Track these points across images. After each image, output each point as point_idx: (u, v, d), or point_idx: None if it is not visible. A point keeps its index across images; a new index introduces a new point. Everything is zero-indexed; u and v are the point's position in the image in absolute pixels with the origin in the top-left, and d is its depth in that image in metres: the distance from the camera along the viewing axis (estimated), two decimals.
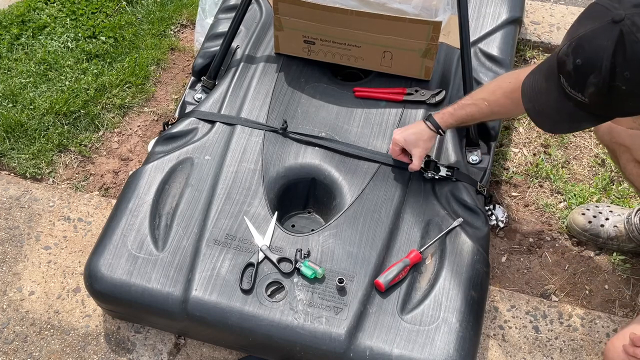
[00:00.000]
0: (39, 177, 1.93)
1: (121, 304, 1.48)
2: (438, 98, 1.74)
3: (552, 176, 1.90)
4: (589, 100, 1.08)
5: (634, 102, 1.05)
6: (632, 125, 1.20)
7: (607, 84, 1.03)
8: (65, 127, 2.03)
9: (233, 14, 1.81)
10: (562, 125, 1.19)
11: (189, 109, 1.85)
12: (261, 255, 1.46)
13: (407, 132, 1.56)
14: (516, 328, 1.61)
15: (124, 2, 2.43)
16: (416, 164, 1.56)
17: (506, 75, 1.46)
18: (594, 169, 1.93)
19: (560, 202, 1.86)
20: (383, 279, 1.42)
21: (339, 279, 1.41)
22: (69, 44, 2.25)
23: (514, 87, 1.34)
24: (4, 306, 1.64)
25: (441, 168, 1.60)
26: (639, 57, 0.99)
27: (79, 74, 2.16)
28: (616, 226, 1.70)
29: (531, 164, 1.93)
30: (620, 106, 1.07)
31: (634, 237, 1.68)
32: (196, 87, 1.93)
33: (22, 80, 2.13)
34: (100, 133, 2.04)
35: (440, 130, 1.54)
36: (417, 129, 1.55)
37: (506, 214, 1.81)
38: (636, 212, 1.68)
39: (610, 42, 1.01)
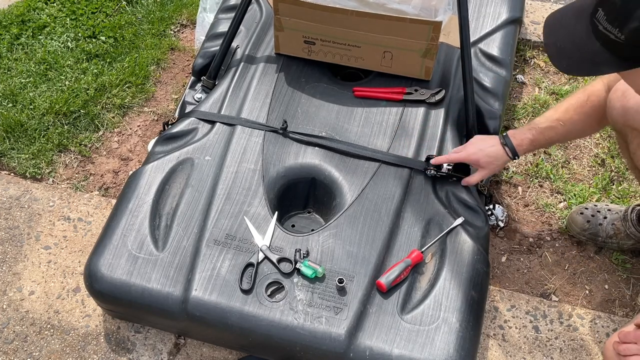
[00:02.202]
0: (39, 177, 1.93)
1: (121, 304, 1.48)
2: (438, 97, 1.74)
3: (552, 176, 1.90)
4: (625, 38, 1.01)
5: None
6: None
7: None
8: (65, 127, 2.03)
9: (233, 14, 1.81)
10: (581, 66, 1.12)
11: (189, 108, 1.85)
12: (261, 255, 1.46)
13: (482, 152, 1.51)
14: (516, 328, 1.61)
15: (124, 2, 2.43)
16: (475, 180, 1.55)
17: (575, 92, 1.45)
18: (594, 168, 1.93)
19: (560, 202, 1.86)
20: (385, 280, 1.42)
21: (339, 279, 1.41)
22: (69, 43, 2.25)
23: (582, 101, 1.30)
24: (4, 306, 1.64)
25: (443, 164, 1.60)
26: None
27: (79, 73, 2.16)
28: (614, 224, 1.70)
29: (531, 164, 1.94)
30: None
31: (631, 234, 1.68)
32: (196, 87, 1.93)
33: (22, 80, 2.13)
34: (100, 133, 2.04)
35: (515, 157, 1.51)
36: (494, 153, 1.50)
37: (506, 213, 1.81)
38: (632, 209, 1.68)
39: None
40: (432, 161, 1.59)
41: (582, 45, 1.09)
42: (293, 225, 1.61)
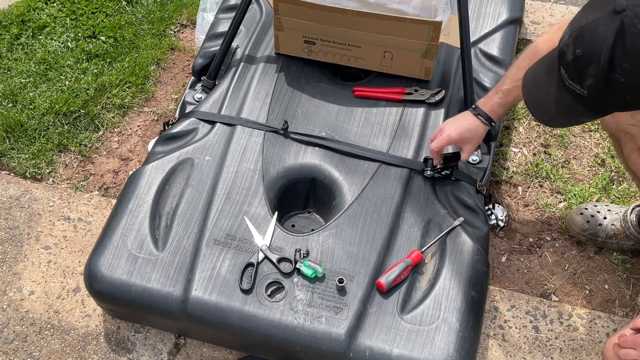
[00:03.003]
0: (39, 177, 1.93)
1: (121, 304, 1.48)
2: (438, 97, 1.74)
3: (552, 176, 1.90)
4: (587, 93, 1.06)
5: (633, 96, 1.03)
6: (630, 121, 1.19)
7: (606, 76, 1.01)
8: (65, 127, 2.03)
9: (233, 14, 1.82)
10: (561, 119, 1.18)
11: (189, 109, 1.85)
12: (261, 255, 1.46)
13: (462, 128, 1.51)
14: (516, 328, 1.61)
15: (124, 2, 2.43)
16: (466, 157, 1.55)
17: (534, 45, 1.43)
18: (594, 168, 1.93)
19: (560, 202, 1.86)
20: (385, 280, 1.42)
21: (339, 279, 1.41)
22: (69, 43, 2.25)
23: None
24: (4, 306, 1.64)
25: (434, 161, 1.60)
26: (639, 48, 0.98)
27: (79, 73, 2.16)
28: (614, 224, 1.70)
29: (531, 164, 1.94)
30: (618, 99, 1.05)
31: (631, 234, 1.68)
32: (196, 87, 1.93)
33: (22, 80, 2.13)
34: (100, 133, 2.04)
35: (492, 123, 1.52)
36: (472, 126, 1.51)
37: (506, 213, 1.81)
38: (632, 210, 1.68)
39: (610, 33, 0.99)
40: (434, 161, 1.58)
41: (556, 100, 1.14)
42: (293, 225, 1.61)
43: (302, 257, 1.46)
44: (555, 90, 1.13)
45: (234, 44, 1.89)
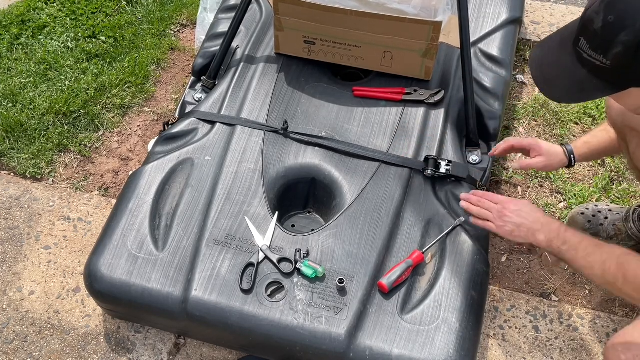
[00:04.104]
0: (39, 177, 1.93)
1: (121, 304, 1.48)
2: (437, 98, 1.74)
3: (552, 176, 1.90)
4: (611, 63, 1.05)
5: None
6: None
7: (637, 43, 1.00)
8: (65, 127, 2.03)
9: (233, 14, 1.82)
10: (572, 95, 1.16)
11: (189, 109, 1.85)
12: (261, 255, 1.46)
13: (548, 143, 1.57)
14: (516, 328, 1.61)
15: (124, 2, 2.43)
16: (534, 163, 1.56)
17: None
18: (594, 168, 1.93)
19: (560, 202, 1.86)
20: (386, 281, 1.42)
21: (339, 279, 1.41)
22: (69, 43, 2.26)
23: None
24: (4, 306, 1.64)
25: (441, 164, 1.60)
26: None
27: (79, 73, 2.16)
28: (615, 225, 1.70)
29: None
30: None
31: (633, 235, 1.68)
32: (196, 87, 1.93)
33: (22, 80, 2.13)
34: (100, 133, 2.04)
35: (571, 156, 1.57)
36: (556, 148, 1.57)
37: None
38: (634, 210, 1.68)
39: None
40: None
41: (569, 74, 1.12)
42: (293, 225, 1.61)
43: (302, 257, 1.46)
44: (569, 63, 1.12)
45: (234, 44, 1.89)
